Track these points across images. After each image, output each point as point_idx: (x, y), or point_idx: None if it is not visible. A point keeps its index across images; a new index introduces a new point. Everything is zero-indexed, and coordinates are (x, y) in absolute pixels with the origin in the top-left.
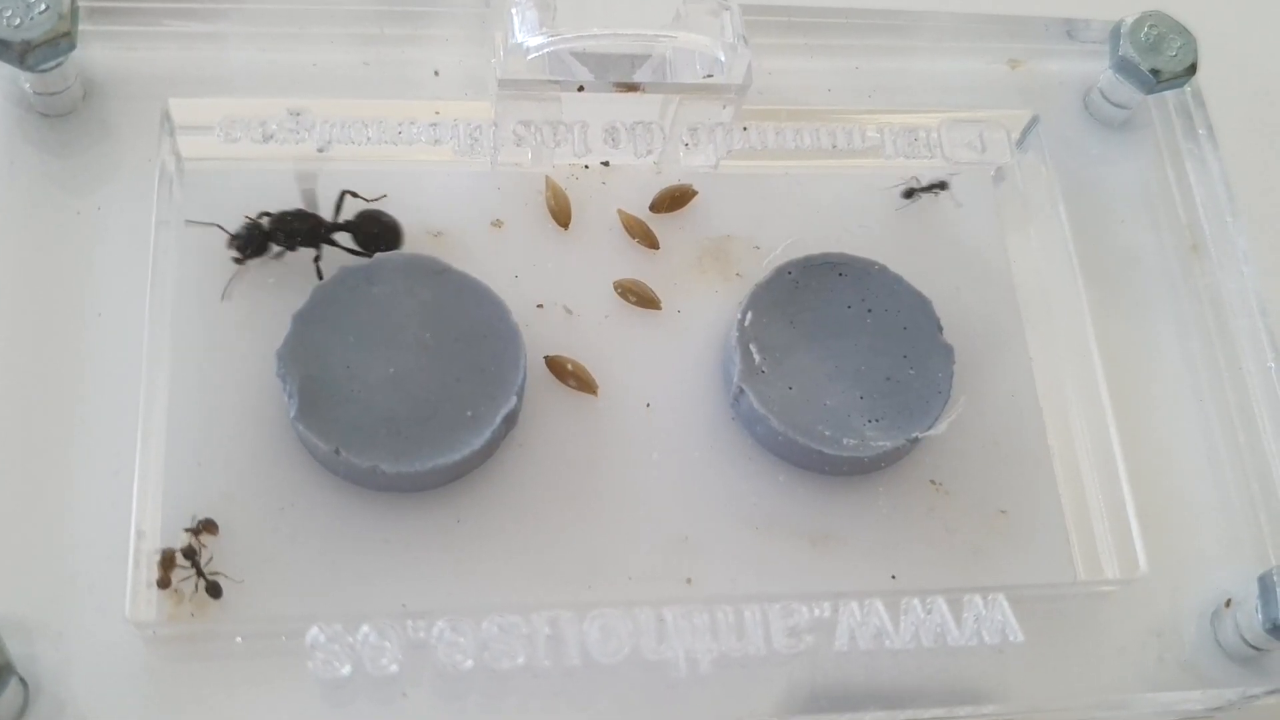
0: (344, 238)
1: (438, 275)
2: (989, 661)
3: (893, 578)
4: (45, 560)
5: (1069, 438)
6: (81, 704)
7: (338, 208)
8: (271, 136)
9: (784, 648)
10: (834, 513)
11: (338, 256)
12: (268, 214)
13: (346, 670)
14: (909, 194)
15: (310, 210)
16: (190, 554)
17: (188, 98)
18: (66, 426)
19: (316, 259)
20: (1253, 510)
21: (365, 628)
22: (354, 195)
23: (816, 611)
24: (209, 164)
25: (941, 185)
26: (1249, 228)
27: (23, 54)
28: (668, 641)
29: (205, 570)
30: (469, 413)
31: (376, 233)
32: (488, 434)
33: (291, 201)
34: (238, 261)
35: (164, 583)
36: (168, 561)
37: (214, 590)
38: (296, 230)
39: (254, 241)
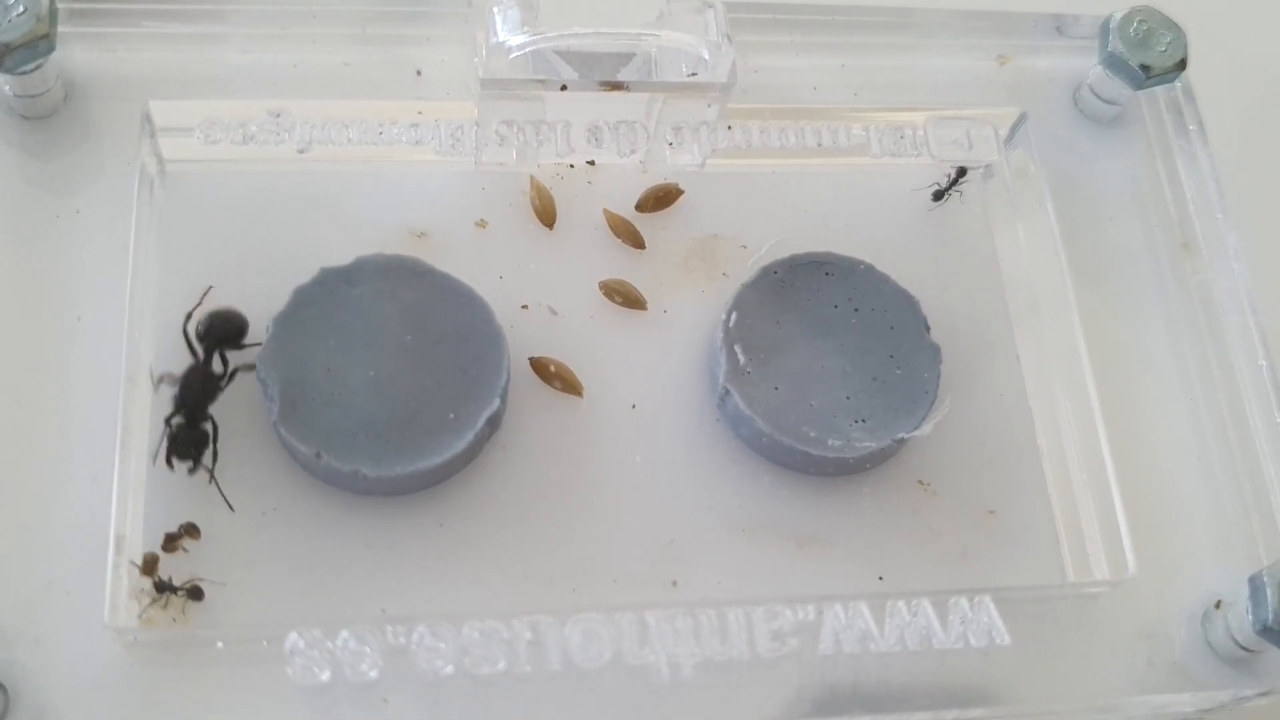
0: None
1: (420, 277)
2: (976, 664)
3: (880, 579)
4: (23, 565)
5: (1058, 437)
6: (61, 710)
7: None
8: (252, 138)
9: (768, 651)
10: (821, 514)
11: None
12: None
13: (326, 676)
14: (938, 196)
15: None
16: (161, 586)
17: (168, 99)
18: (45, 430)
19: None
20: (1243, 510)
21: (345, 633)
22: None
23: (801, 614)
24: (190, 166)
25: (962, 172)
26: (1240, 225)
27: (1, 56)
28: (650, 646)
29: (180, 585)
30: (451, 415)
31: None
32: (470, 437)
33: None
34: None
35: (156, 586)
36: (149, 566)
37: (195, 594)
38: (199, 399)
39: (189, 443)
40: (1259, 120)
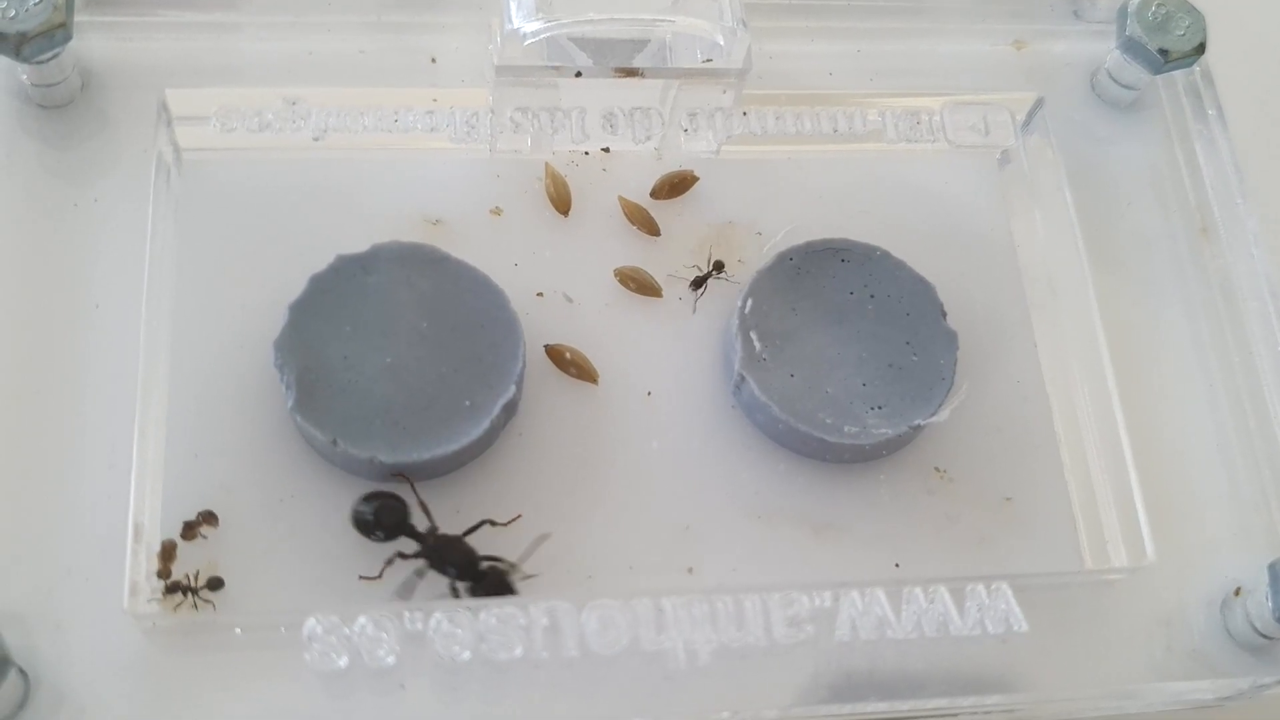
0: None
1: (436, 264)
2: (993, 651)
3: (896, 566)
4: (43, 552)
5: (1075, 424)
6: (81, 695)
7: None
8: (268, 126)
9: (784, 638)
10: (836, 501)
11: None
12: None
13: (344, 662)
14: (697, 284)
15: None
16: (173, 588)
17: (184, 88)
18: (64, 418)
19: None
20: (1263, 497)
21: (362, 619)
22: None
23: (817, 601)
24: (206, 154)
25: (719, 266)
26: (1259, 209)
27: (18, 45)
28: (666, 632)
29: (196, 582)
30: (467, 402)
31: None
32: (486, 423)
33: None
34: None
35: (163, 573)
36: (167, 553)
37: (215, 584)
38: (447, 558)
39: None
40: (1279, 104)
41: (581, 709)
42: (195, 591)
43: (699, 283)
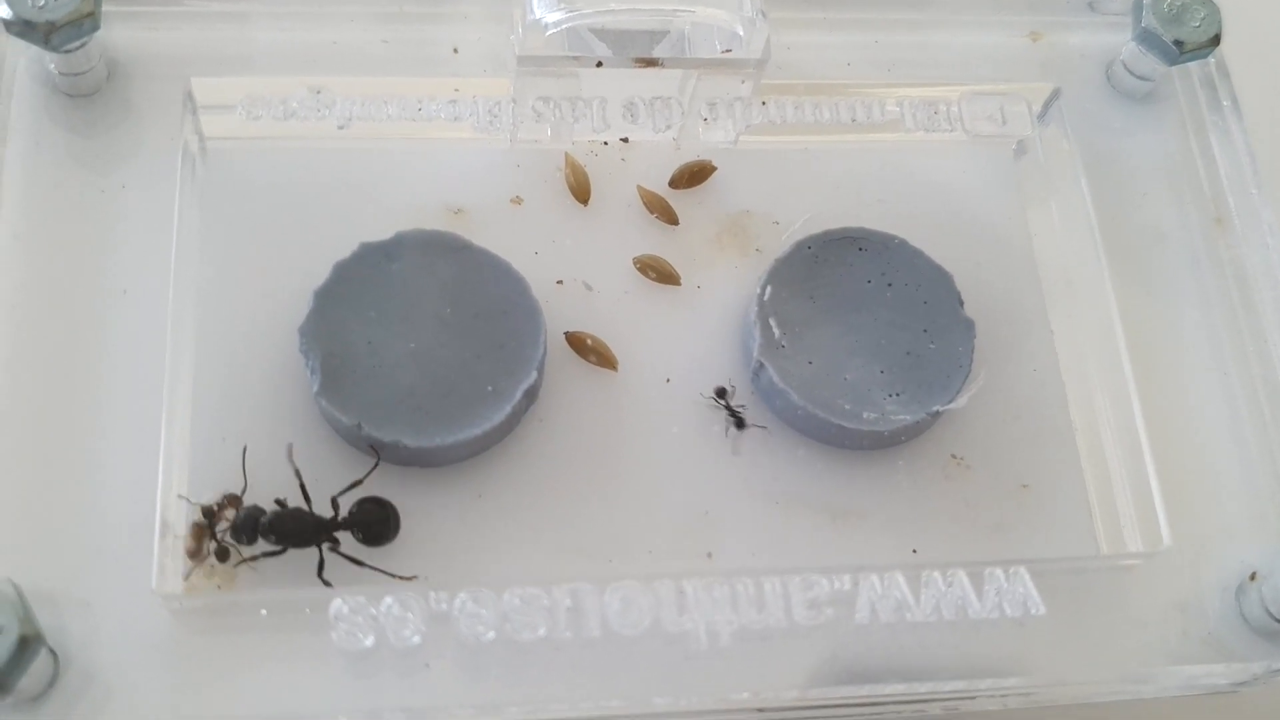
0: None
1: (458, 252)
2: (1010, 635)
3: (914, 552)
4: (73, 533)
5: (1091, 411)
6: (109, 675)
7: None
8: (293, 114)
9: (804, 620)
10: (854, 487)
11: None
12: (262, 510)
13: (370, 641)
14: (739, 424)
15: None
16: (209, 514)
17: (210, 76)
18: (93, 401)
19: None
20: (1277, 483)
21: (388, 599)
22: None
23: (837, 584)
24: (231, 143)
25: (721, 392)
26: (1274, 200)
27: (47, 34)
28: (688, 614)
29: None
30: (489, 388)
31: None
32: (508, 409)
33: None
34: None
35: (194, 553)
36: (198, 532)
37: (221, 555)
38: (291, 531)
39: (248, 529)
40: None
41: (603, 689)
42: (215, 538)
43: (721, 393)
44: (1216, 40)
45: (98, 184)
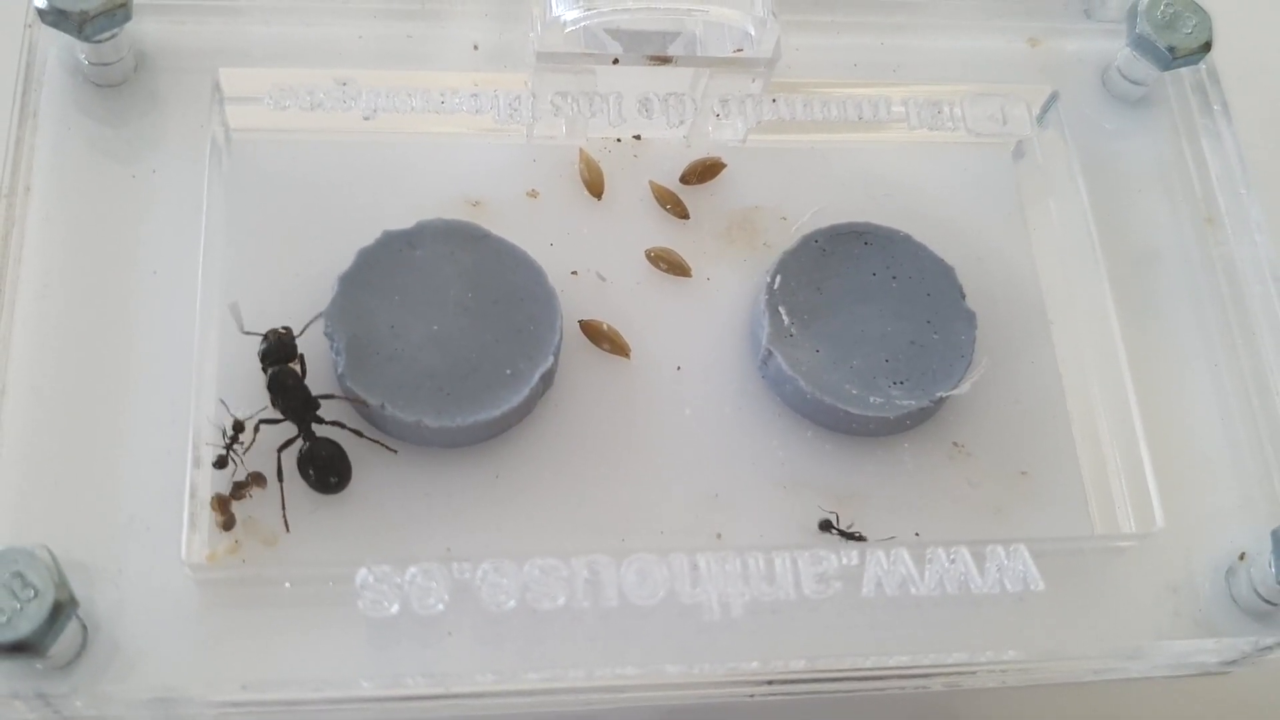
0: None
1: (478, 240)
2: (1010, 610)
3: (916, 535)
4: (104, 506)
5: (1088, 400)
6: (137, 643)
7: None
8: (319, 105)
9: (813, 593)
10: (859, 472)
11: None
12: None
13: (395, 609)
14: (847, 537)
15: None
16: (239, 428)
17: (238, 66)
18: (125, 377)
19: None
20: (1266, 469)
21: (413, 569)
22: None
23: (844, 559)
24: (258, 134)
25: (859, 537)
26: (1262, 199)
27: (81, 24)
28: (701, 586)
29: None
30: (508, 371)
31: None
32: (526, 391)
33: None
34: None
35: (227, 524)
36: (224, 503)
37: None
38: (291, 388)
39: (283, 348)
40: None
41: (618, 657)
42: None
43: (825, 526)
44: (1207, 46)
45: (126, 171)
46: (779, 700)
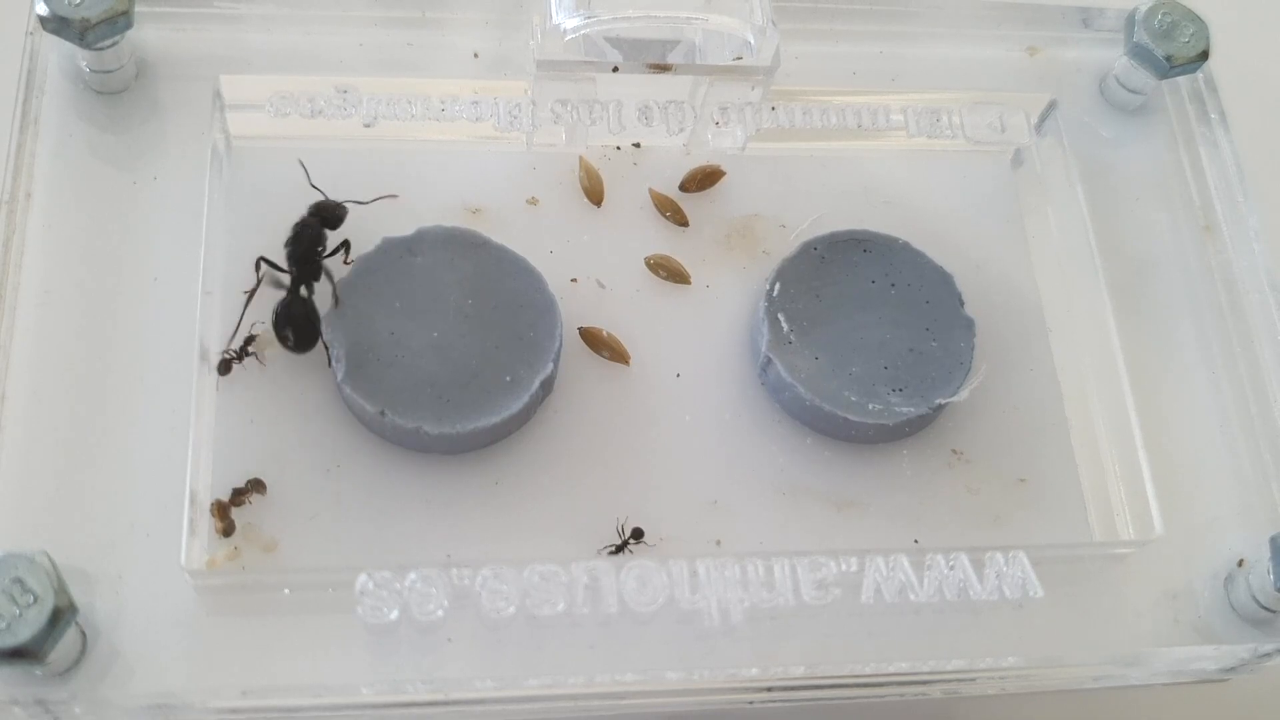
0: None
1: (477, 248)
2: (1009, 617)
3: (915, 542)
4: (104, 512)
5: (1086, 407)
6: (135, 650)
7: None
8: (320, 112)
9: (812, 600)
10: (858, 479)
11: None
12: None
13: (394, 615)
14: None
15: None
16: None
17: (238, 74)
18: (126, 383)
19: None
20: (1264, 476)
21: (412, 575)
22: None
23: (844, 566)
24: (258, 141)
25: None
26: (1260, 207)
27: (82, 31)
28: (700, 592)
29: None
30: (508, 378)
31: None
32: (525, 398)
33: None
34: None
35: (227, 531)
36: (224, 509)
37: (224, 368)
38: (306, 239)
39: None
40: (1278, 109)
41: (618, 663)
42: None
43: (619, 550)
44: (1204, 55)
45: (128, 178)
46: (778, 707)
